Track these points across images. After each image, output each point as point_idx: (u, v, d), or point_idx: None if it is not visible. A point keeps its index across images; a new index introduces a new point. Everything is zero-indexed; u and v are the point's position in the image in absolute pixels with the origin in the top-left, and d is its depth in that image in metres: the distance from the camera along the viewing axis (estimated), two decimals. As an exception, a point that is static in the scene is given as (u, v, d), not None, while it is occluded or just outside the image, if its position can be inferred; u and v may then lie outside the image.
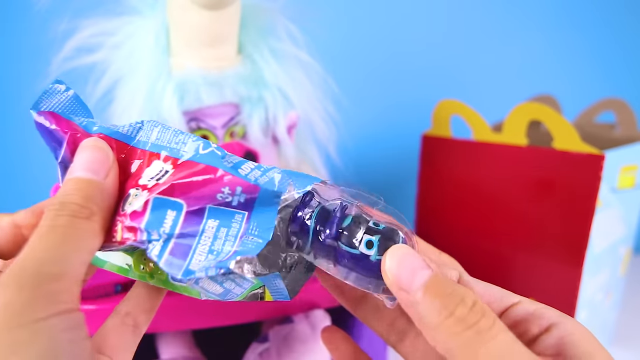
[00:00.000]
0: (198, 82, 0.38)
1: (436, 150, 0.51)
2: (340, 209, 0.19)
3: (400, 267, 0.17)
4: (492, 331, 0.15)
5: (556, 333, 0.17)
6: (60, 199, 0.17)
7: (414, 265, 0.16)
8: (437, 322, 0.16)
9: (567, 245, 0.42)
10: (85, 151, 0.18)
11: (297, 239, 0.19)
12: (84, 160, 0.18)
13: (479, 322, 0.15)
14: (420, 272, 0.16)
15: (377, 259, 0.18)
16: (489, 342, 0.15)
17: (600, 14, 0.74)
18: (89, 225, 0.16)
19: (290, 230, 0.19)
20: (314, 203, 0.19)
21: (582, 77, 0.76)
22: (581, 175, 0.40)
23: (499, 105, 0.56)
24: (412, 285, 0.16)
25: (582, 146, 0.40)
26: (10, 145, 0.76)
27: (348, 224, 0.18)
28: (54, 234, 0.15)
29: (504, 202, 0.46)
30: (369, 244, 0.18)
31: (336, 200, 0.19)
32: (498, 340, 0.15)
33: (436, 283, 0.16)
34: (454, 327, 0.15)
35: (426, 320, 0.16)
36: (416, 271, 0.16)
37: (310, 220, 0.19)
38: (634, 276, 0.63)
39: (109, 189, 0.18)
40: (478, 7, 0.74)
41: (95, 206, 0.17)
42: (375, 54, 0.75)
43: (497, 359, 0.14)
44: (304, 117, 0.44)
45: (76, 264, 0.15)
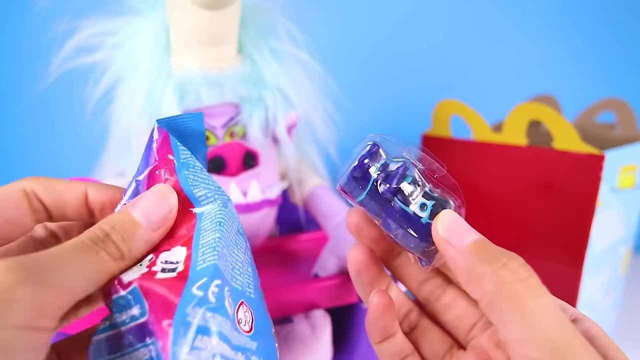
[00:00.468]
0: (198, 82, 0.38)
1: (436, 150, 0.51)
2: (403, 168, 0.20)
3: (452, 226, 0.18)
4: (541, 290, 0.16)
5: (580, 326, 0.18)
6: (108, 229, 0.17)
7: (465, 227, 0.18)
8: (489, 271, 0.16)
9: (567, 245, 0.42)
10: (154, 197, 0.19)
11: (357, 184, 0.20)
12: (148, 205, 0.18)
13: (530, 279, 0.16)
14: (469, 233, 0.18)
15: (427, 222, 0.19)
16: (537, 297, 0.15)
17: (601, 14, 0.74)
18: (114, 265, 0.17)
19: (352, 175, 0.20)
20: (378, 155, 0.21)
21: (582, 77, 0.76)
22: (581, 175, 0.40)
23: (499, 105, 0.56)
24: (462, 242, 0.18)
25: (582, 146, 0.40)
26: (11, 145, 0.76)
27: (407, 183, 0.19)
28: (81, 254, 0.16)
29: (504, 202, 0.46)
30: (422, 206, 0.19)
31: (400, 159, 0.20)
32: (544, 299, 0.16)
33: (485, 243, 0.17)
34: (506, 277, 0.16)
35: (476, 271, 0.17)
36: (467, 232, 0.18)
37: (374, 170, 0.20)
38: (634, 276, 0.63)
39: (152, 241, 0.18)
40: (478, 7, 0.74)
41: (129, 252, 0.17)
42: (376, 54, 0.75)
43: (541, 316, 0.15)
44: (304, 117, 0.44)
45: (80, 288, 0.15)
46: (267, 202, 0.41)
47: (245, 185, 0.40)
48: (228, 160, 0.39)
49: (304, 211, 0.48)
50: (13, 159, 0.77)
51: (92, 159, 0.44)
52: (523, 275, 0.16)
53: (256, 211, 0.41)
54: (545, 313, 0.15)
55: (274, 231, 0.49)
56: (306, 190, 0.47)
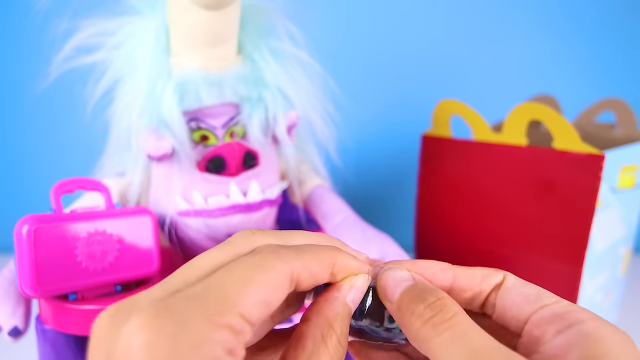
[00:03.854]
0: (198, 82, 0.38)
1: (436, 150, 0.51)
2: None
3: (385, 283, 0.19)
4: (449, 322, 0.16)
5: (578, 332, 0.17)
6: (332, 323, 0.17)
7: (397, 278, 0.19)
8: (405, 322, 0.17)
9: (567, 245, 0.42)
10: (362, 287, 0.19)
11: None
12: (357, 297, 0.19)
13: (435, 316, 0.16)
14: (401, 283, 0.19)
15: (399, 329, 0.19)
16: (445, 330, 0.16)
17: (600, 14, 0.74)
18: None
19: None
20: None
21: (582, 77, 0.76)
22: (581, 175, 0.40)
23: (499, 105, 0.56)
24: (393, 296, 0.18)
25: (582, 146, 0.40)
26: (11, 145, 0.76)
27: (370, 305, 0.20)
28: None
29: (504, 202, 0.46)
30: (391, 318, 0.19)
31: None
32: (453, 327, 0.16)
33: (410, 289, 0.18)
34: (416, 323, 0.17)
35: (400, 323, 0.18)
36: (398, 283, 0.19)
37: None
38: (634, 276, 0.63)
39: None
40: (478, 7, 0.74)
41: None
42: (376, 54, 0.75)
43: (447, 344, 0.15)
44: (303, 117, 0.44)
45: None
46: (267, 202, 0.41)
47: (245, 185, 0.40)
48: (228, 160, 0.39)
49: (304, 211, 0.48)
50: (13, 159, 0.77)
51: (92, 158, 0.44)
52: (428, 316, 0.17)
53: (256, 211, 0.41)
54: (449, 346, 0.16)
55: (274, 231, 0.49)
56: (306, 190, 0.47)
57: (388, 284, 0.19)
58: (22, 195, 0.78)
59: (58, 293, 0.32)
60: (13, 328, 0.35)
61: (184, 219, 0.40)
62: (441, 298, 0.17)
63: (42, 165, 0.77)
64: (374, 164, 0.78)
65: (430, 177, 0.52)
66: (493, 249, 0.47)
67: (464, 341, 0.15)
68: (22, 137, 0.76)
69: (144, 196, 0.42)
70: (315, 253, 0.18)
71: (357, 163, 0.52)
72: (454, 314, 0.16)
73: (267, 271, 0.16)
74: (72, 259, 0.32)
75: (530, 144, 0.43)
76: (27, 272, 0.30)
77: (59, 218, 0.32)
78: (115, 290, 0.35)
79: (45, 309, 0.34)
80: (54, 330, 0.34)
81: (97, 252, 0.33)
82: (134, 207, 0.37)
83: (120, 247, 0.34)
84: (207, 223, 0.40)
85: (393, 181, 0.79)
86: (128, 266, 0.35)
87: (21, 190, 0.78)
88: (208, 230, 0.40)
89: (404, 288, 0.18)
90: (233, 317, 0.14)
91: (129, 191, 0.41)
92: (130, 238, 0.35)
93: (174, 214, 0.40)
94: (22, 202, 0.78)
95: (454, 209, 0.50)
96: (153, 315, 0.13)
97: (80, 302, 0.33)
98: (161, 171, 0.40)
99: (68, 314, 0.33)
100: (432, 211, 0.53)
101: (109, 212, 0.34)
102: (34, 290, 0.30)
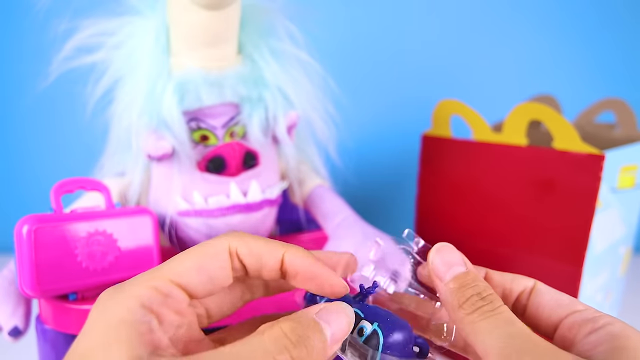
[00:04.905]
0: (198, 82, 0.38)
1: (436, 150, 0.51)
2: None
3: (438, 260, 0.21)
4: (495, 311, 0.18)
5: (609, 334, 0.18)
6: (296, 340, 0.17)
7: (451, 260, 0.21)
8: (455, 305, 0.19)
9: (567, 245, 0.42)
10: (343, 316, 0.19)
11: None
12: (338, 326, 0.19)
13: (485, 306, 0.19)
14: (454, 267, 0.21)
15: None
16: (490, 317, 0.18)
17: (600, 14, 0.74)
18: None
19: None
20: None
21: (582, 77, 0.76)
22: (581, 175, 0.40)
23: (499, 105, 0.56)
24: (445, 276, 0.20)
25: (582, 146, 0.40)
26: (11, 145, 0.76)
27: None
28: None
29: (504, 202, 0.46)
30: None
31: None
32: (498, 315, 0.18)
33: (463, 276, 0.20)
34: (467, 309, 0.19)
35: (449, 305, 0.20)
36: (452, 265, 0.21)
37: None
38: (634, 276, 0.63)
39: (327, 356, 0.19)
40: (478, 7, 0.74)
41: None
42: (375, 54, 0.75)
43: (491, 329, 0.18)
44: (303, 117, 0.44)
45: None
46: (267, 202, 0.41)
47: (245, 185, 0.40)
48: (228, 160, 0.39)
49: (304, 211, 0.48)
50: (14, 159, 0.77)
51: (92, 158, 0.44)
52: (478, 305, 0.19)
53: (256, 211, 0.41)
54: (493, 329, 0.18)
55: (274, 231, 0.49)
56: (306, 190, 0.47)
57: (441, 261, 0.21)
58: (22, 195, 0.78)
59: (58, 293, 0.32)
60: (13, 328, 0.35)
61: (184, 219, 0.40)
62: (492, 293, 0.19)
63: (42, 165, 0.77)
64: (374, 164, 0.78)
65: (431, 177, 0.52)
66: (493, 249, 0.47)
67: (506, 326, 0.18)
68: (23, 137, 0.76)
69: (144, 196, 0.42)
70: (262, 238, 0.20)
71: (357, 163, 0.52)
72: (500, 306, 0.19)
73: (203, 246, 0.19)
74: (72, 259, 0.32)
75: (530, 144, 0.43)
76: (27, 272, 0.30)
77: (59, 218, 0.32)
78: (115, 290, 0.35)
79: (45, 309, 0.34)
80: (54, 330, 0.34)
81: (97, 252, 0.33)
82: (134, 207, 0.37)
83: (120, 247, 0.34)
84: (207, 223, 0.40)
85: (393, 181, 0.79)
86: (128, 266, 0.35)
87: (21, 190, 0.78)
88: (208, 230, 0.40)
89: (457, 273, 0.20)
90: (161, 281, 0.17)
91: (129, 191, 0.41)
92: (130, 238, 0.35)
93: (174, 214, 0.40)
94: (22, 202, 0.78)
95: (454, 209, 0.50)
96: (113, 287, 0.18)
97: (80, 302, 0.33)
98: (161, 171, 0.40)
99: (68, 314, 0.33)
100: (432, 211, 0.53)
101: (109, 212, 0.34)
102: (34, 290, 0.30)
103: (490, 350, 0.17)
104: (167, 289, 0.18)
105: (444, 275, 0.21)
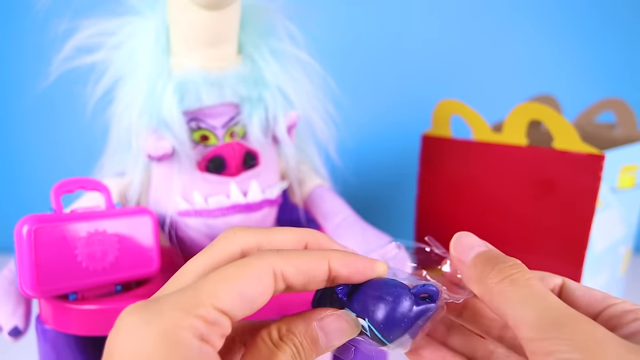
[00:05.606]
0: (198, 82, 0.38)
1: (436, 150, 0.51)
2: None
3: (459, 244, 0.21)
4: (527, 281, 0.17)
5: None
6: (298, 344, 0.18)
7: (472, 243, 0.20)
8: (481, 276, 0.19)
9: (567, 245, 0.42)
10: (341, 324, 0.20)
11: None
12: (336, 333, 0.19)
13: (515, 274, 0.18)
14: (476, 247, 0.20)
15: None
16: (522, 287, 0.17)
17: (601, 14, 0.74)
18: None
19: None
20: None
21: (582, 77, 0.76)
22: (581, 175, 0.40)
23: (499, 105, 0.56)
24: (467, 257, 0.20)
25: (582, 146, 0.40)
26: (11, 145, 0.76)
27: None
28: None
29: (504, 202, 0.46)
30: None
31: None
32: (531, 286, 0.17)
33: (485, 252, 0.20)
34: (494, 278, 0.18)
35: (474, 278, 0.19)
36: (473, 247, 0.20)
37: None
38: (634, 276, 0.63)
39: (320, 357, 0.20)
40: (478, 7, 0.74)
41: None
42: (375, 54, 0.75)
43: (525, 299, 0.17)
44: (303, 117, 0.44)
45: None
46: (267, 202, 0.41)
47: (245, 185, 0.40)
48: (228, 160, 0.39)
49: (304, 211, 0.48)
50: (14, 159, 0.77)
51: (92, 158, 0.44)
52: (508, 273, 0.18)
53: (256, 211, 0.41)
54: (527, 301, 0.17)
55: (274, 231, 0.49)
56: (306, 190, 0.47)
57: (462, 245, 0.21)
58: (22, 195, 0.78)
59: (58, 293, 0.32)
60: (13, 328, 0.35)
61: (184, 219, 0.40)
62: (519, 263, 0.19)
63: (42, 165, 0.77)
64: (374, 164, 0.78)
65: (430, 177, 0.52)
66: (493, 249, 0.47)
67: (541, 299, 0.17)
68: (23, 137, 0.76)
69: (144, 196, 0.42)
70: (304, 251, 0.19)
71: (357, 163, 0.52)
72: (532, 277, 0.18)
73: (245, 267, 0.17)
74: (72, 259, 0.32)
75: (530, 144, 0.43)
76: (27, 272, 0.30)
77: (59, 218, 0.32)
78: (115, 290, 0.35)
79: (45, 309, 0.34)
80: (54, 330, 0.34)
81: (97, 252, 0.33)
82: (134, 207, 0.37)
83: (120, 247, 0.34)
84: (207, 223, 0.40)
85: (393, 181, 0.79)
86: (128, 266, 0.35)
87: (21, 190, 0.78)
88: (208, 230, 0.40)
89: (478, 251, 0.20)
90: (206, 309, 0.16)
91: (129, 191, 0.41)
92: (130, 238, 0.35)
93: (174, 214, 0.40)
94: (22, 202, 0.78)
95: (454, 209, 0.50)
96: (139, 306, 0.16)
97: (81, 302, 0.33)
98: (161, 171, 0.40)
99: (68, 314, 0.33)
100: (432, 211, 0.53)
101: (109, 212, 0.34)
102: (34, 290, 0.30)
103: (524, 321, 0.16)
104: (214, 318, 0.16)
105: (466, 257, 0.20)
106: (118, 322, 0.16)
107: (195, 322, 0.15)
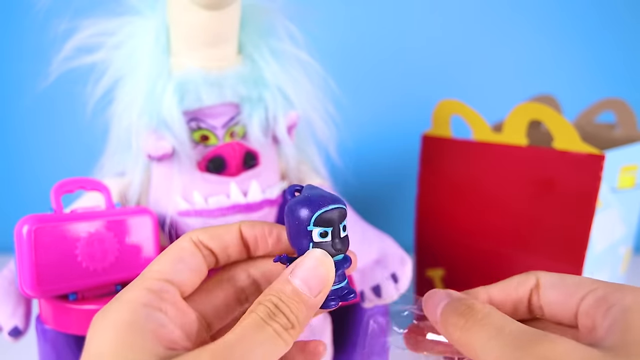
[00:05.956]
0: (198, 82, 0.38)
1: (436, 150, 0.51)
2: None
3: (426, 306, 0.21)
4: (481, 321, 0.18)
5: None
6: (276, 301, 0.18)
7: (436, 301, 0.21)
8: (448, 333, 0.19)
9: (567, 245, 0.42)
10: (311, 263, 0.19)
11: None
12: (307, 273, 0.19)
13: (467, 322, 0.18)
14: (440, 304, 0.20)
15: None
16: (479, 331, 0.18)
17: (601, 14, 0.74)
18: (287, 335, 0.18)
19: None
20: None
21: (582, 77, 0.76)
22: (581, 175, 0.40)
23: (499, 105, 0.56)
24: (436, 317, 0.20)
25: (582, 146, 0.40)
26: (11, 145, 0.76)
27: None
28: (261, 332, 0.17)
29: (504, 202, 0.46)
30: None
31: None
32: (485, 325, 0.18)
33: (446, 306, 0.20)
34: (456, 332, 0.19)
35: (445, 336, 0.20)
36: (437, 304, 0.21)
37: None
38: (634, 276, 0.63)
39: (314, 306, 0.19)
40: (478, 7, 0.74)
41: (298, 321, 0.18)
42: (376, 54, 0.75)
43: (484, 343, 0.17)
44: (304, 117, 0.44)
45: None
46: (267, 202, 0.41)
47: (245, 185, 0.40)
48: (228, 160, 0.39)
49: (304, 211, 0.48)
50: (14, 159, 0.77)
51: (92, 158, 0.44)
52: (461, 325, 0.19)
53: (256, 211, 0.41)
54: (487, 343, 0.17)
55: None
56: (306, 190, 0.47)
57: (430, 308, 0.21)
58: (22, 195, 0.78)
59: (58, 293, 0.32)
60: (13, 328, 0.35)
61: (184, 219, 0.40)
62: (470, 305, 0.19)
63: (42, 165, 0.77)
64: (374, 164, 0.78)
65: (431, 177, 0.52)
66: (493, 249, 0.47)
67: (498, 332, 0.17)
68: (22, 137, 0.76)
69: (144, 196, 0.42)
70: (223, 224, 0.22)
71: (357, 163, 0.52)
72: (485, 314, 0.18)
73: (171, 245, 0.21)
74: (72, 259, 0.32)
75: (530, 144, 0.43)
76: (27, 272, 0.30)
77: (59, 218, 0.32)
78: (115, 290, 0.35)
79: (45, 309, 0.34)
80: (54, 330, 0.34)
81: (97, 252, 0.33)
82: (134, 207, 0.37)
83: (120, 247, 0.34)
84: (207, 223, 0.40)
85: (393, 181, 0.79)
86: (128, 266, 0.35)
87: (21, 190, 0.78)
88: (208, 230, 0.40)
89: (442, 307, 0.20)
90: (148, 281, 0.19)
91: (129, 191, 0.41)
92: (130, 238, 0.35)
93: (174, 214, 0.40)
94: (22, 202, 0.78)
95: (454, 209, 0.50)
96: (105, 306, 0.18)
97: (81, 302, 0.33)
98: (161, 171, 0.40)
99: (68, 314, 0.33)
100: (432, 211, 0.53)
101: (109, 212, 0.34)
102: (34, 290, 0.31)
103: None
104: (158, 286, 0.18)
105: (435, 317, 0.21)
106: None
107: (140, 292, 0.18)
